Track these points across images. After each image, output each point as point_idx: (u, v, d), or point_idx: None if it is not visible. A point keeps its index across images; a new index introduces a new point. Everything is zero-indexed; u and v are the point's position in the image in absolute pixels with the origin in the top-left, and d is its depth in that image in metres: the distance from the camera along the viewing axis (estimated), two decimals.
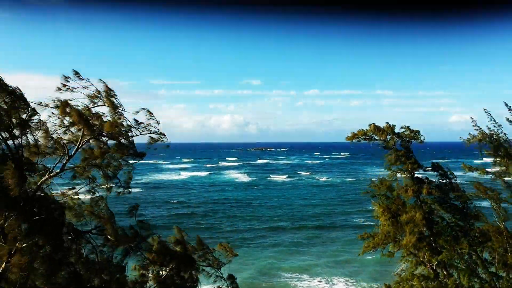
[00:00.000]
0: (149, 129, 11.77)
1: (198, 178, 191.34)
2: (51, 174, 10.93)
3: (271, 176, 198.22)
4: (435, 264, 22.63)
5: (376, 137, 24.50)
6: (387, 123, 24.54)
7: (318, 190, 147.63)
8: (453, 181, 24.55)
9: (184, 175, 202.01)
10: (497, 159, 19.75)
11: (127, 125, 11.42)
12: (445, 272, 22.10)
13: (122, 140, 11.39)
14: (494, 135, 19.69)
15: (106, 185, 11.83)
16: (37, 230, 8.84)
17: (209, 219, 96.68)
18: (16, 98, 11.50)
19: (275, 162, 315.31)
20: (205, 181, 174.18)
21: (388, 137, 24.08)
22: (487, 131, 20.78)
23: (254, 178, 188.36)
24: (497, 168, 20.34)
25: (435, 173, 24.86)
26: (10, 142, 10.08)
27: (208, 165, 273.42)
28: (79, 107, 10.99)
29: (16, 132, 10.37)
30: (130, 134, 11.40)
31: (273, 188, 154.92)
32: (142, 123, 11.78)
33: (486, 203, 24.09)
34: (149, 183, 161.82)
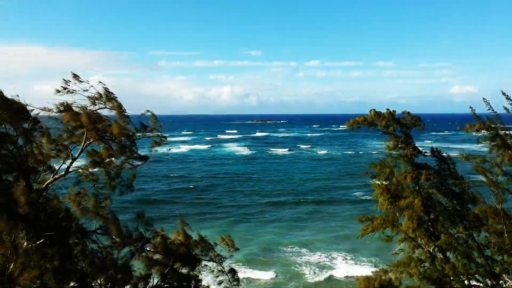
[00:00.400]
0: (153, 132, 11.91)
1: (198, 151, 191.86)
2: (56, 177, 11.09)
3: (271, 149, 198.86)
4: (432, 248, 23.05)
5: (377, 123, 24.57)
6: (388, 109, 24.56)
7: (318, 163, 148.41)
8: (451, 166, 24.76)
9: (184, 148, 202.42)
10: (494, 149, 19.91)
11: (134, 128, 11.55)
12: (442, 257, 22.53)
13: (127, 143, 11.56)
14: (492, 124, 19.77)
15: (110, 184, 11.99)
16: (46, 241, 9.08)
17: (210, 193, 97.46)
18: (18, 109, 11.82)
19: (274, 134, 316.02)
20: (205, 155, 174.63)
21: (388, 123, 24.14)
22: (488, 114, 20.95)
23: (254, 152, 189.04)
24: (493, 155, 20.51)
25: (434, 158, 25.06)
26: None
27: (207, 138, 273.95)
28: (81, 110, 11.06)
29: (20, 141, 10.49)
30: (134, 137, 11.53)
31: (273, 161, 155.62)
32: (148, 127, 11.92)
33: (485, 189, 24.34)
34: (149, 156, 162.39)
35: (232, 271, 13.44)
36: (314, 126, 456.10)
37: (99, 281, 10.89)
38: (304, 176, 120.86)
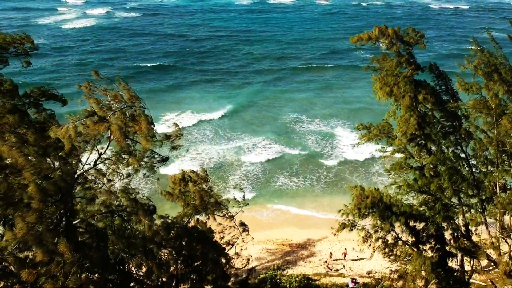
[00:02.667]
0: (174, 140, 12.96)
1: (195, 0, 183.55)
2: (85, 169, 12.53)
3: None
4: (423, 163, 25.31)
5: (381, 41, 24.74)
6: (392, 28, 24.47)
7: (321, 17, 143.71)
8: (448, 82, 25.74)
9: None
10: (490, 83, 20.64)
11: (159, 140, 12.58)
12: (431, 173, 24.79)
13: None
14: (492, 59, 20.21)
15: (135, 165, 13.37)
16: (86, 260, 10.88)
17: (212, 55, 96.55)
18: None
19: None
20: (204, 6, 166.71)
21: (392, 41, 24.31)
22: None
23: (253, 1, 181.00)
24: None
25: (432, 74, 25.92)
26: None
27: None
28: (108, 115, 11.99)
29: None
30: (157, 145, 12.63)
31: (276, 15, 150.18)
32: (170, 136, 12.93)
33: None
34: (145, 7, 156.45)
35: (243, 225, 15.64)
36: None
37: None
38: (308, 35, 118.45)
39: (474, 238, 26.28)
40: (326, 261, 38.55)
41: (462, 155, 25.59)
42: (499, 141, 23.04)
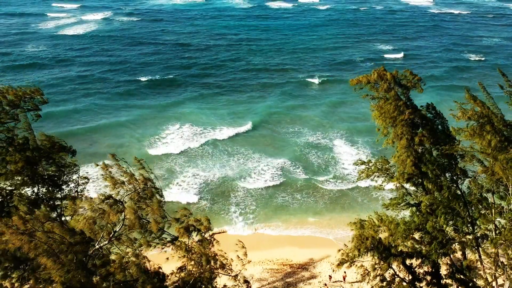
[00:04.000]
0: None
1: (194, 5, 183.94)
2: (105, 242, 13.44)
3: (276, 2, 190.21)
4: (420, 202, 26.19)
5: (379, 85, 25.62)
6: (390, 73, 25.34)
7: (320, 22, 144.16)
8: (444, 121, 26.68)
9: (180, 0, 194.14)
10: (483, 133, 21.53)
11: (167, 221, 13.49)
12: (428, 210, 25.70)
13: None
14: (484, 109, 21.08)
15: (145, 247, 14.26)
16: None
17: (213, 66, 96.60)
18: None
19: None
20: (203, 11, 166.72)
21: (390, 86, 25.18)
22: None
23: (253, 5, 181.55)
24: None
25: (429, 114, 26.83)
26: None
27: None
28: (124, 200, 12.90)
29: None
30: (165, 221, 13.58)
31: (276, 22, 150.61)
32: (179, 219, 13.84)
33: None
34: (144, 12, 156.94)
35: (246, 282, 16.48)
36: None
37: None
38: (309, 43, 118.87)
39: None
40: (325, 284, 39.42)
41: (458, 191, 26.58)
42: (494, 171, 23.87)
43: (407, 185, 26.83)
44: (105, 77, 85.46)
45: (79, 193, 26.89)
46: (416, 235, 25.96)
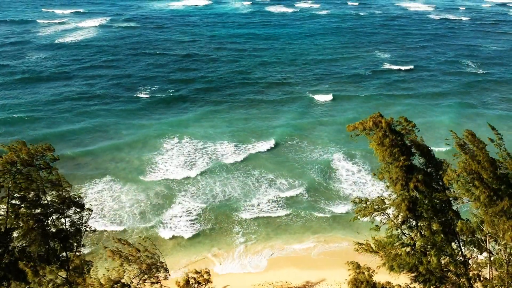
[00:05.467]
0: None
1: (195, 9, 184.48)
2: None
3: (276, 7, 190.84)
4: (414, 243, 27.25)
5: (374, 132, 26.60)
6: (385, 120, 26.31)
7: (321, 30, 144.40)
8: (438, 167, 27.68)
9: (181, 4, 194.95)
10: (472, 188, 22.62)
11: None
12: (422, 250, 26.80)
13: None
14: (474, 164, 22.17)
15: None
16: None
17: (216, 80, 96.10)
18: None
19: None
20: (203, 16, 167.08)
21: (385, 133, 26.15)
22: None
23: (252, 10, 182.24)
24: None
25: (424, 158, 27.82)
26: None
27: None
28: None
29: None
30: None
31: (277, 31, 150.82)
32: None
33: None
34: (143, 18, 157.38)
35: None
36: None
37: None
38: (312, 54, 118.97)
39: None
40: None
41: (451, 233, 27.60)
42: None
43: (401, 227, 27.84)
44: (107, 93, 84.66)
45: (84, 224, 27.99)
46: (410, 276, 27.08)
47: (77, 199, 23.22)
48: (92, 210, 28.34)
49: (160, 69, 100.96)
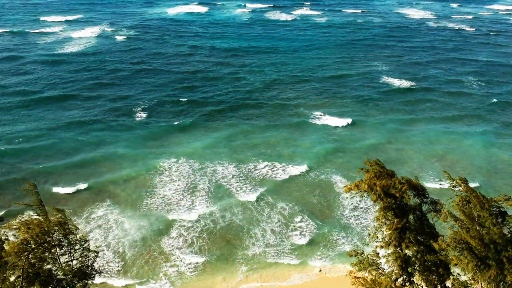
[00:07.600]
0: None
1: (195, 15, 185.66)
2: None
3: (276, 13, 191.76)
4: None
5: (369, 195, 27.85)
6: (380, 183, 27.51)
7: (323, 43, 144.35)
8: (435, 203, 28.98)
9: (179, 9, 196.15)
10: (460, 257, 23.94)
11: None
12: None
13: None
14: (463, 233, 23.46)
15: None
16: None
17: (220, 105, 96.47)
18: None
19: None
20: (203, 25, 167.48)
21: (380, 197, 27.40)
22: None
23: (252, 16, 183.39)
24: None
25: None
26: None
27: None
28: None
29: None
30: None
31: (276, 31, 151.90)
32: None
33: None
34: (140, 27, 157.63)
35: None
36: None
37: None
38: (313, 68, 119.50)
39: None
40: None
41: None
42: None
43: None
44: (108, 118, 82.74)
45: (90, 267, 28.99)
46: None
47: (89, 270, 24.31)
48: (98, 252, 29.58)
49: (159, 88, 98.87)
